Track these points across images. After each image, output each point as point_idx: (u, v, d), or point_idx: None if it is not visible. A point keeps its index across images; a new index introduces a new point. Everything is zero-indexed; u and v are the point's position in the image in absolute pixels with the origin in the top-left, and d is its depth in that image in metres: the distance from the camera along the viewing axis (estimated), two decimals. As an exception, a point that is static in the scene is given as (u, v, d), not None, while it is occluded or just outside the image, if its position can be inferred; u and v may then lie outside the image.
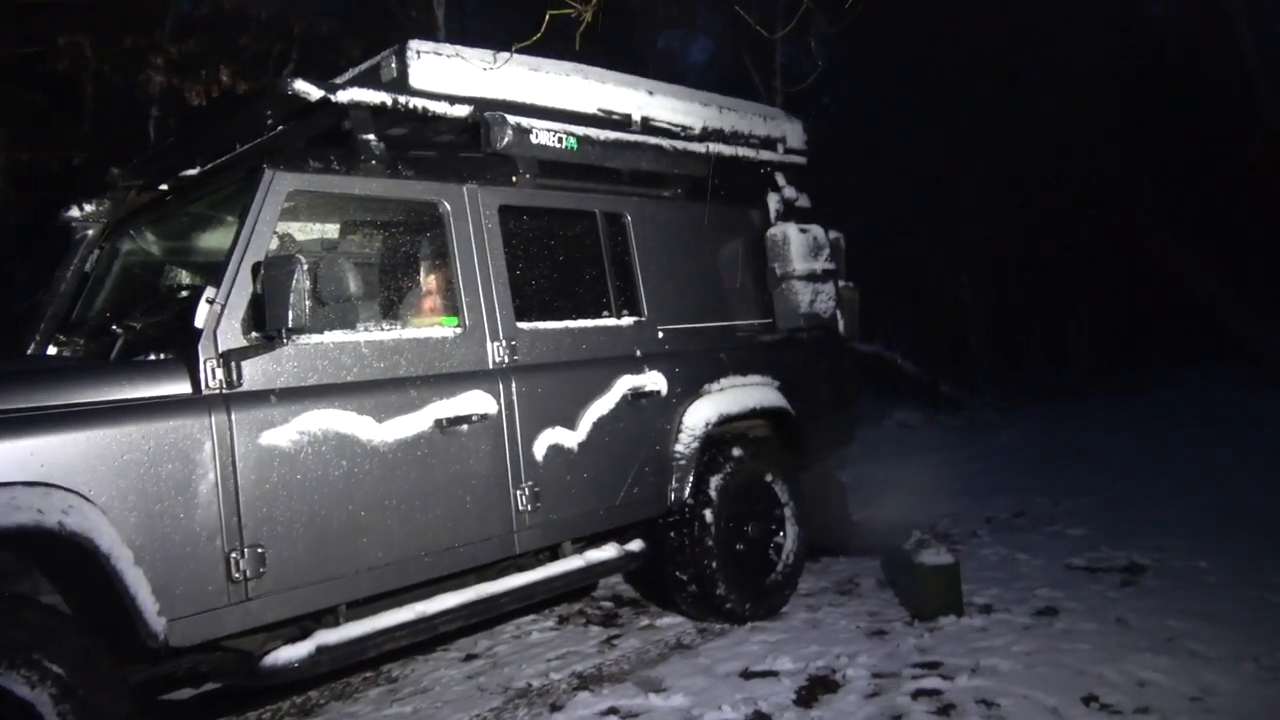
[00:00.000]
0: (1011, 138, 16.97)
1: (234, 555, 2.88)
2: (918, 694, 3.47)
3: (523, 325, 3.79)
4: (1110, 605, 4.31)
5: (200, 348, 2.91)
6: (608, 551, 4.22)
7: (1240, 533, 5.50)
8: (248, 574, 2.90)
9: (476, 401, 3.53)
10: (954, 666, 3.68)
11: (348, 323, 3.33)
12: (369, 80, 3.69)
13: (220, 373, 2.93)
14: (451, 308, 3.65)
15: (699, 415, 4.37)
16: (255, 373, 3.00)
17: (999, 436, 11.35)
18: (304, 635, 3.19)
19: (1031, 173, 17.97)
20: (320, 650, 3.15)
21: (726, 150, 4.82)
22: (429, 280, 3.77)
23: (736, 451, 4.56)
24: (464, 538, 3.49)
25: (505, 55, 3.89)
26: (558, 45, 4.16)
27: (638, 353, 4.22)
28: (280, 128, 3.61)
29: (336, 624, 3.28)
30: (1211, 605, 4.20)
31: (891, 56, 15.39)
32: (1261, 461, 8.12)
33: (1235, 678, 3.35)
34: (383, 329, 3.39)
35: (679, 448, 4.30)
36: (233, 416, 2.91)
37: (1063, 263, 19.25)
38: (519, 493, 3.65)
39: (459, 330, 3.59)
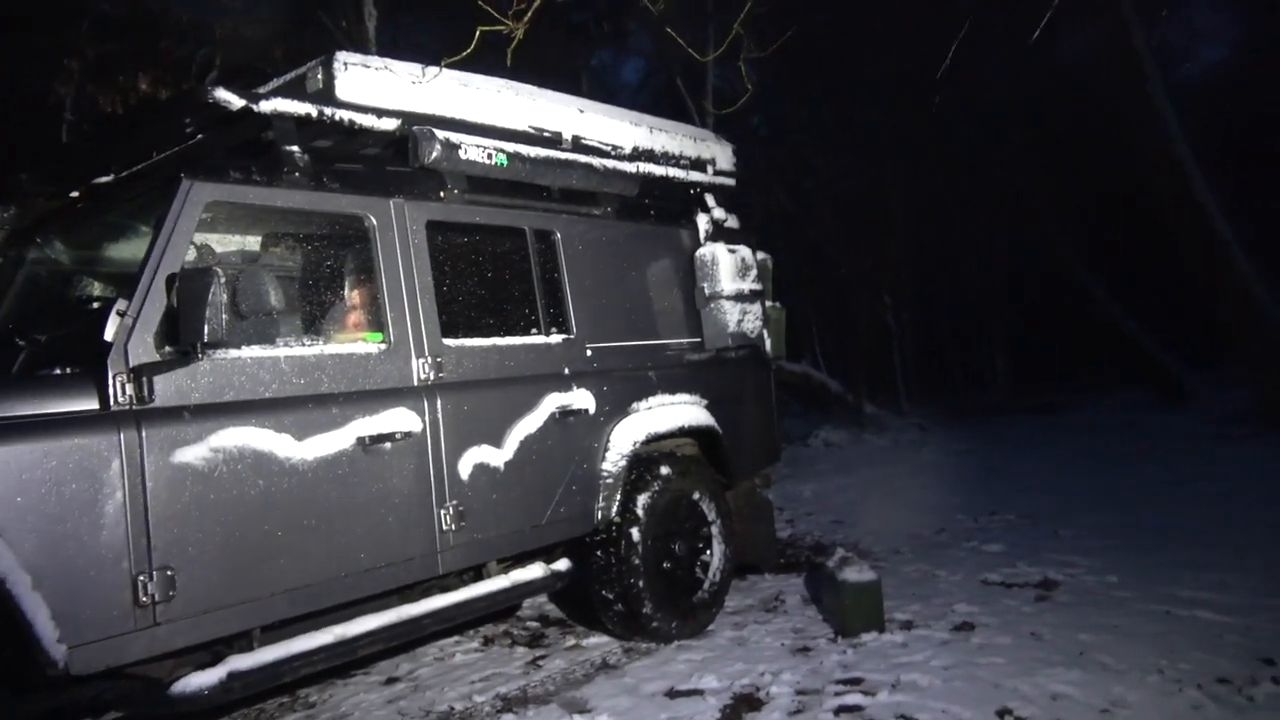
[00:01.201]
0: (932, 163, 17.54)
1: (141, 578, 2.77)
2: (840, 710, 3.51)
3: (449, 342, 3.74)
4: (1025, 620, 4.44)
5: (110, 362, 2.80)
6: (534, 571, 4.18)
7: (1148, 548, 5.73)
8: (156, 597, 2.79)
9: (400, 419, 3.47)
10: (875, 682, 3.74)
11: (267, 337, 3.25)
12: (294, 91, 3.63)
13: (130, 388, 2.82)
14: (376, 323, 3.59)
15: (627, 434, 4.38)
16: (168, 388, 2.90)
17: (922, 454, 11.61)
18: (216, 661, 3.09)
19: (951, 198, 18.58)
20: (233, 676, 3.05)
21: (657, 170, 4.86)
22: (353, 295, 3.71)
23: (664, 470, 4.57)
24: (386, 558, 3.42)
25: (434, 69, 3.86)
26: (490, 61, 4.15)
27: (566, 371, 4.21)
28: (200, 136, 3.51)
29: (250, 648, 3.18)
30: (1121, 619, 4.35)
31: (819, 81, 15.71)
32: (1169, 479, 8.49)
33: (1142, 689, 3.47)
34: (304, 344, 3.32)
35: (606, 466, 4.29)
36: (143, 434, 2.81)
37: (984, 286, 19.89)
38: (443, 512, 3.60)
39: (383, 346, 3.53)
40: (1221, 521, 6.43)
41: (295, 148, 3.39)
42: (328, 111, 3.45)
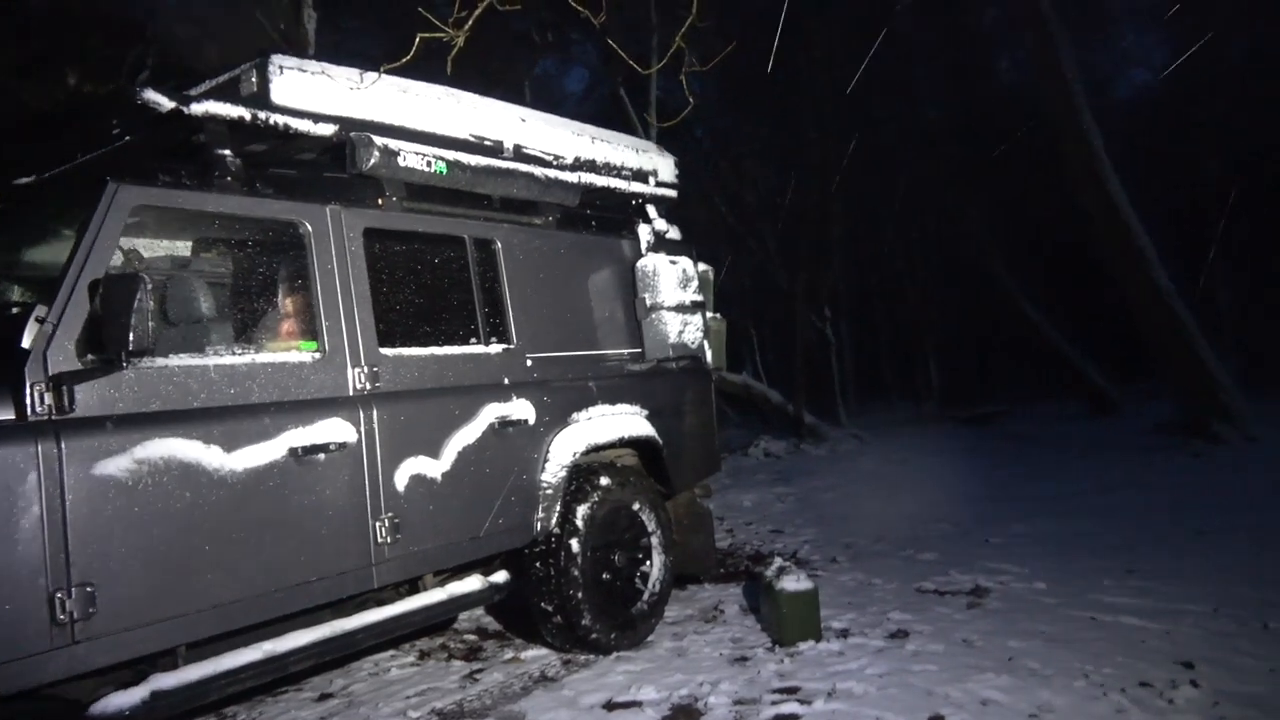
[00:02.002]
0: (869, 179, 17.90)
1: (59, 595, 2.67)
2: (776, 719, 3.53)
3: (386, 351, 3.69)
4: (957, 627, 4.53)
5: (27, 370, 2.70)
6: (471, 584, 4.14)
7: (1075, 555, 5.90)
8: (75, 615, 2.69)
9: (334, 429, 3.41)
10: (811, 691, 3.78)
11: (196, 346, 3.17)
12: (227, 93, 3.54)
13: (49, 397, 2.72)
14: (311, 332, 3.52)
15: (567, 444, 4.36)
16: (90, 398, 2.80)
17: (859, 465, 11.79)
18: (139, 680, 2.99)
19: (888, 214, 18.96)
20: (157, 696, 2.95)
21: (599, 181, 4.87)
22: (287, 303, 3.63)
23: (604, 480, 4.56)
24: (318, 572, 3.34)
25: (373, 75, 3.82)
26: (433, 69, 4.11)
27: (506, 381, 4.18)
28: (128, 138, 3.41)
29: (175, 666, 3.08)
30: (1048, 625, 4.47)
31: (761, 96, 15.92)
32: (1097, 488, 8.76)
33: (1068, 694, 3.56)
34: (235, 353, 3.24)
35: (546, 477, 4.27)
36: (63, 445, 2.71)
37: (919, 300, 20.31)
38: (378, 524, 3.54)
39: (317, 355, 3.46)
40: (1145, 529, 6.65)
41: (227, 152, 3.32)
42: (261, 115, 3.38)
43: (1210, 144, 15.81)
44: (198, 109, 3.22)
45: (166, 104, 3.16)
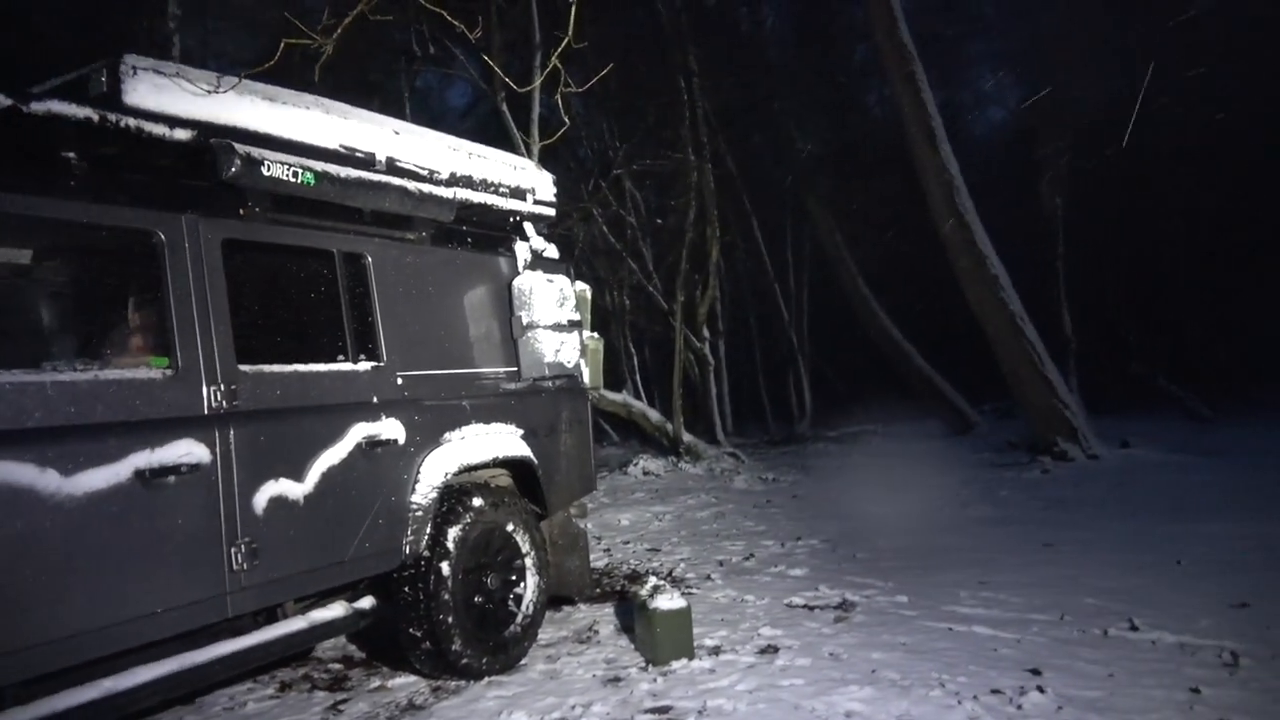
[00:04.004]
0: (741, 203, 18.43)
1: None
2: (648, 740, 3.54)
3: (245, 368, 3.52)
4: (824, 641, 4.65)
5: None
6: (335, 610, 3.98)
7: (934, 568, 6.16)
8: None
9: (187, 450, 3.23)
10: (683, 709, 3.80)
11: (31, 360, 2.94)
12: (75, 93, 3.32)
13: None
14: (162, 347, 3.33)
15: (438, 465, 4.27)
16: (-96, 417, 2.56)
17: (734, 483, 12.00)
18: (-44, 725, 2.74)
19: (765, 234, 19.50)
20: (-24, 742, 2.71)
21: (475, 197, 4.81)
22: (137, 316, 3.43)
23: (477, 501, 4.48)
24: (167, 602, 3.15)
25: (234, 80, 3.66)
26: (309, 77, 3.98)
27: (374, 399, 4.05)
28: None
29: (2, 709, 2.84)
30: (908, 636, 4.65)
31: (640, 116, 16.13)
32: (955, 504, 9.20)
33: (925, 704, 3.70)
34: (77, 369, 3.03)
35: (416, 498, 4.16)
36: None
37: (795, 322, 20.93)
38: (234, 550, 3.36)
39: (169, 372, 3.28)
40: (998, 543, 7.02)
41: (73, 154, 3.12)
42: (111, 118, 3.19)
43: (1056, 179, 16.94)
44: (39, 108, 3.01)
45: (4, 101, 2.94)
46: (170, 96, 3.43)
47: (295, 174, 3.70)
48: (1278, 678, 3.81)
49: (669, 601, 4.47)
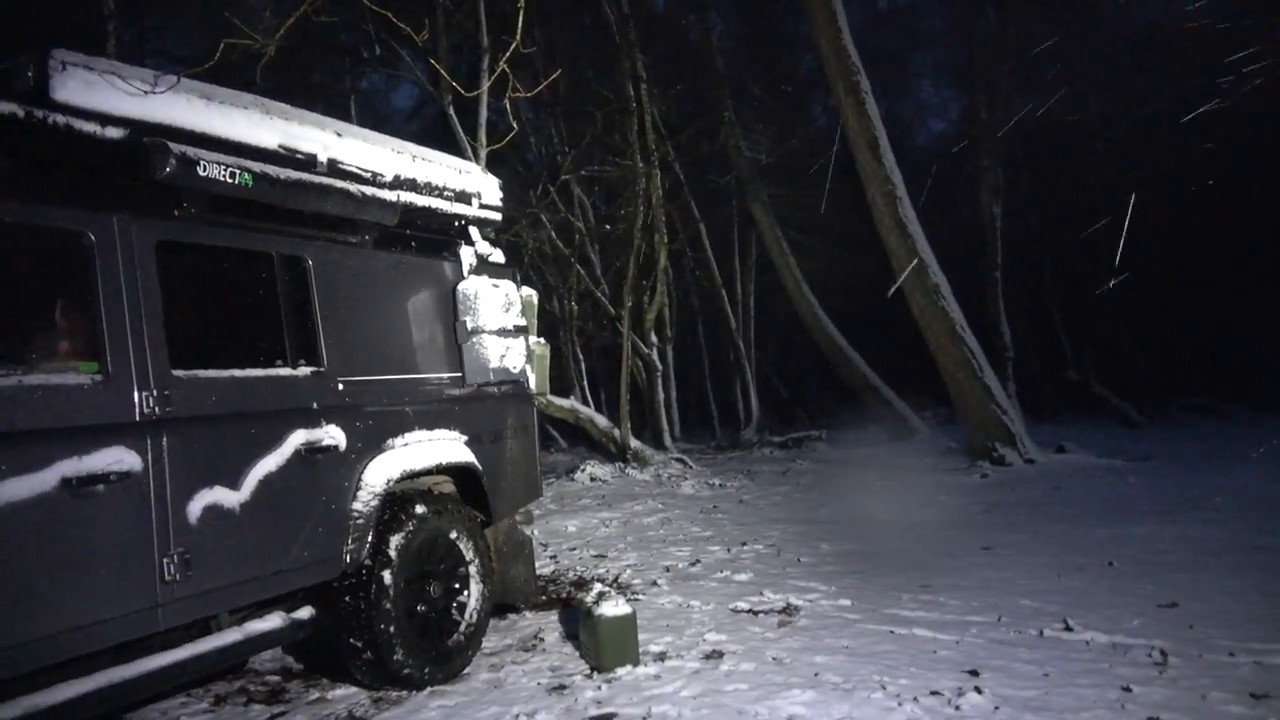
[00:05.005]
0: (687, 209, 18.55)
1: None
2: (592, 748, 3.52)
3: (179, 373, 3.42)
4: (768, 645, 4.68)
5: None
6: (272, 621, 3.89)
7: (876, 572, 6.24)
8: None
9: (116, 458, 3.13)
10: (627, 716, 3.79)
11: (-51, 365, 2.82)
12: (-1, 88, 3.22)
13: None
14: (92, 352, 3.22)
15: (380, 472, 4.20)
16: None
17: (682, 489, 12.02)
18: None
19: (714, 242, 19.62)
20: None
21: (419, 200, 4.75)
22: (66, 319, 3.31)
23: (420, 509, 4.42)
24: (95, 615, 3.05)
25: (172, 79, 3.57)
26: (251, 77, 3.90)
27: (315, 405, 3.97)
28: None
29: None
30: (850, 640, 4.70)
31: (588, 122, 16.12)
32: (897, 507, 9.33)
33: (866, 706, 3.75)
34: (-1, 373, 2.91)
35: (357, 506, 4.09)
36: None
37: (743, 328, 21.09)
38: (166, 561, 3.27)
39: (98, 377, 3.17)
40: (939, 546, 7.14)
41: (-6, 152, 3.01)
42: (38, 114, 3.09)
43: (994, 190, 17.36)
44: (-42, 102, 2.90)
45: (-81, 94, 2.83)
46: (102, 93, 3.33)
47: (232, 175, 3.62)
48: (1205, 675, 3.93)
49: (614, 608, 4.46)
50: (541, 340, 5.69)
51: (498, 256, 5.33)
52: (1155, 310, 19.81)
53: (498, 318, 4.94)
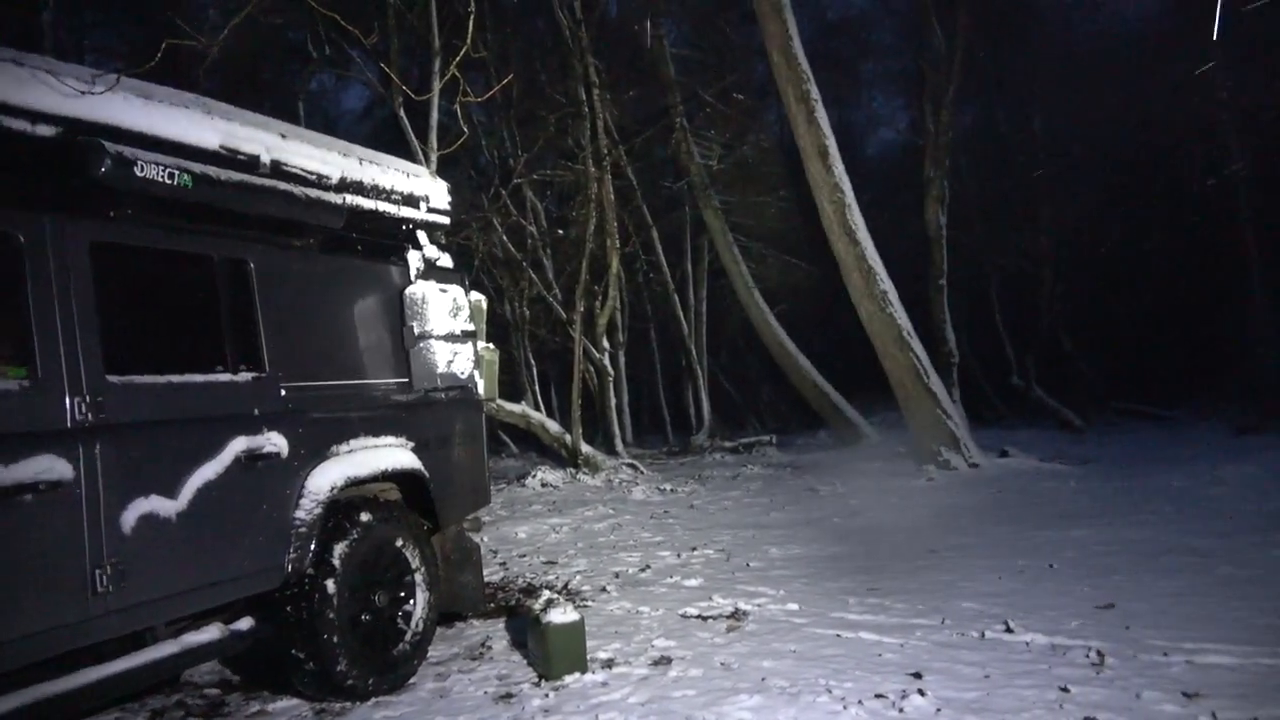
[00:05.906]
0: (640, 213, 18.60)
1: None
2: (539, 757, 3.49)
3: (114, 379, 3.33)
4: (716, 650, 4.70)
5: None
6: (210, 633, 3.80)
7: (824, 576, 6.31)
8: None
9: (46, 466, 3.03)
10: (575, 724, 3.77)
11: None
12: (-79, 84, 3.10)
13: None
14: (20, 356, 3.12)
15: (324, 479, 4.13)
16: None
17: (633, 494, 12.02)
18: None
19: (666, 246, 19.68)
20: None
21: (365, 203, 4.69)
22: (-9, 323, 3.20)
23: (365, 516, 4.36)
24: (21, 629, 2.95)
25: (112, 78, 3.48)
26: (195, 75, 3.81)
27: (256, 411, 3.90)
28: None
29: None
30: (797, 644, 4.74)
31: (541, 127, 16.08)
32: (845, 512, 9.44)
33: (812, 710, 3.78)
34: (-79, 379, 2.81)
35: (300, 514, 4.02)
36: None
37: (694, 334, 21.18)
38: (99, 572, 3.17)
39: (26, 383, 3.07)
40: (885, 550, 7.23)
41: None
42: (-39, 112, 2.99)
43: (939, 199, 17.69)
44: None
45: None
46: (33, 90, 3.23)
47: (171, 175, 3.53)
48: (1139, 675, 4.03)
49: (562, 615, 4.43)
50: (490, 345, 5.65)
51: (446, 261, 5.27)
52: (1096, 317, 20.35)
53: (446, 322, 4.90)
